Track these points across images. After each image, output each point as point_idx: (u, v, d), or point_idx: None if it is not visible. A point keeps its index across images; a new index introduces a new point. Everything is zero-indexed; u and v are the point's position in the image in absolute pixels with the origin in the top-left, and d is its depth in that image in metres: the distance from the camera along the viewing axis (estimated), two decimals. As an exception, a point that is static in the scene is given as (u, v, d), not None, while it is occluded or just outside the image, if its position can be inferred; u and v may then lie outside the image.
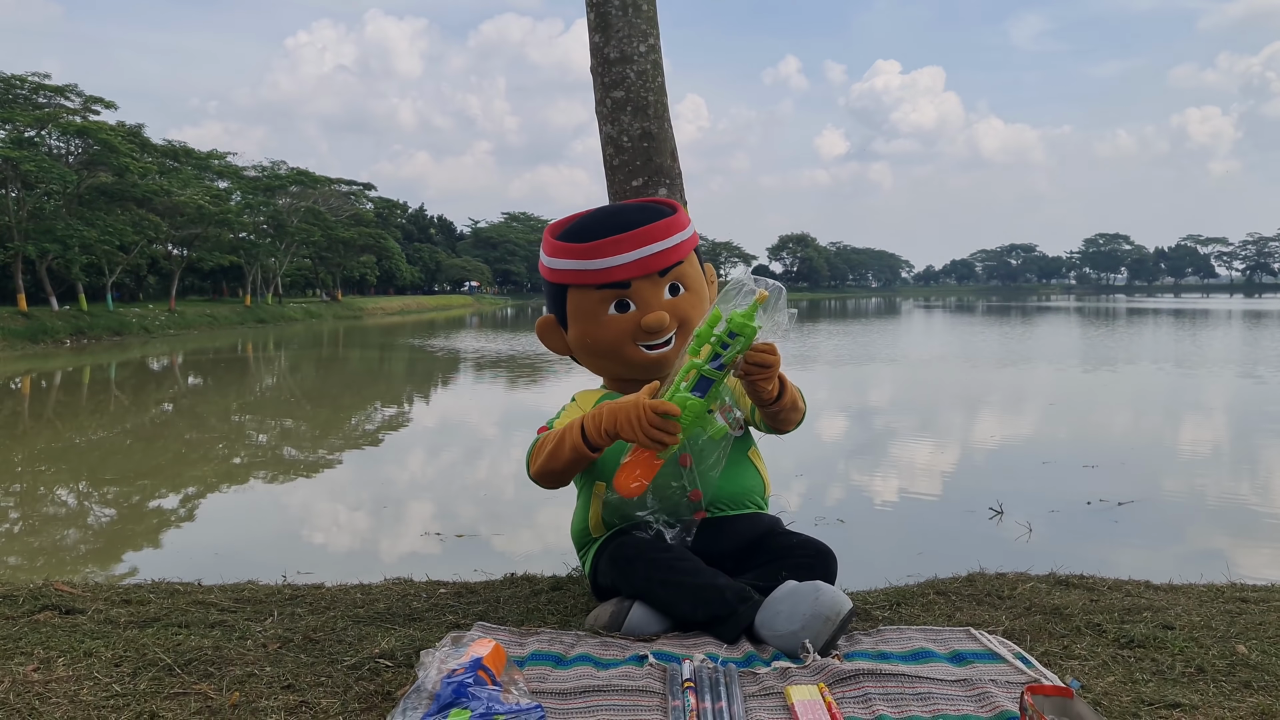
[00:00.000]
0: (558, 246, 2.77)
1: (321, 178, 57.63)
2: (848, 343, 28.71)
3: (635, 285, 2.70)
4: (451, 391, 18.11)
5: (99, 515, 8.18)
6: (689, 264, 2.81)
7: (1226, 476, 8.70)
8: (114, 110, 38.37)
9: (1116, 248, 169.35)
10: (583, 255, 2.70)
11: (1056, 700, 1.91)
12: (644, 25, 3.08)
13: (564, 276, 2.77)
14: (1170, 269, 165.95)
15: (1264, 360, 20.12)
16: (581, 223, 2.80)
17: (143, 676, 2.12)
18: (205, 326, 40.45)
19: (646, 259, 2.69)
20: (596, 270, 2.70)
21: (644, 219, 2.74)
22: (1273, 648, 2.38)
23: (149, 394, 18.08)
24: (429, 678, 1.99)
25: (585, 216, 2.84)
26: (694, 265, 2.85)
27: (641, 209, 2.83)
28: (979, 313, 60.12)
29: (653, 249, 2.70)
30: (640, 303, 2.72)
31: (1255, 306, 67.11)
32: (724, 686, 2.06)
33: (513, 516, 7.60)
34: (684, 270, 2.78)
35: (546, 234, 2.86)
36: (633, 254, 2.68)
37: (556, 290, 2.82)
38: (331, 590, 2.98)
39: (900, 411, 13.74)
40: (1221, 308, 64.07)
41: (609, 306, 2.73)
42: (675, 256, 2.75)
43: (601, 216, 2.81)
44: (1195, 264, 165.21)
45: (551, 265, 2.79)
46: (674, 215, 2.80)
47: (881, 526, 7.16)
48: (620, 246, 2.68)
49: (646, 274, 2.70)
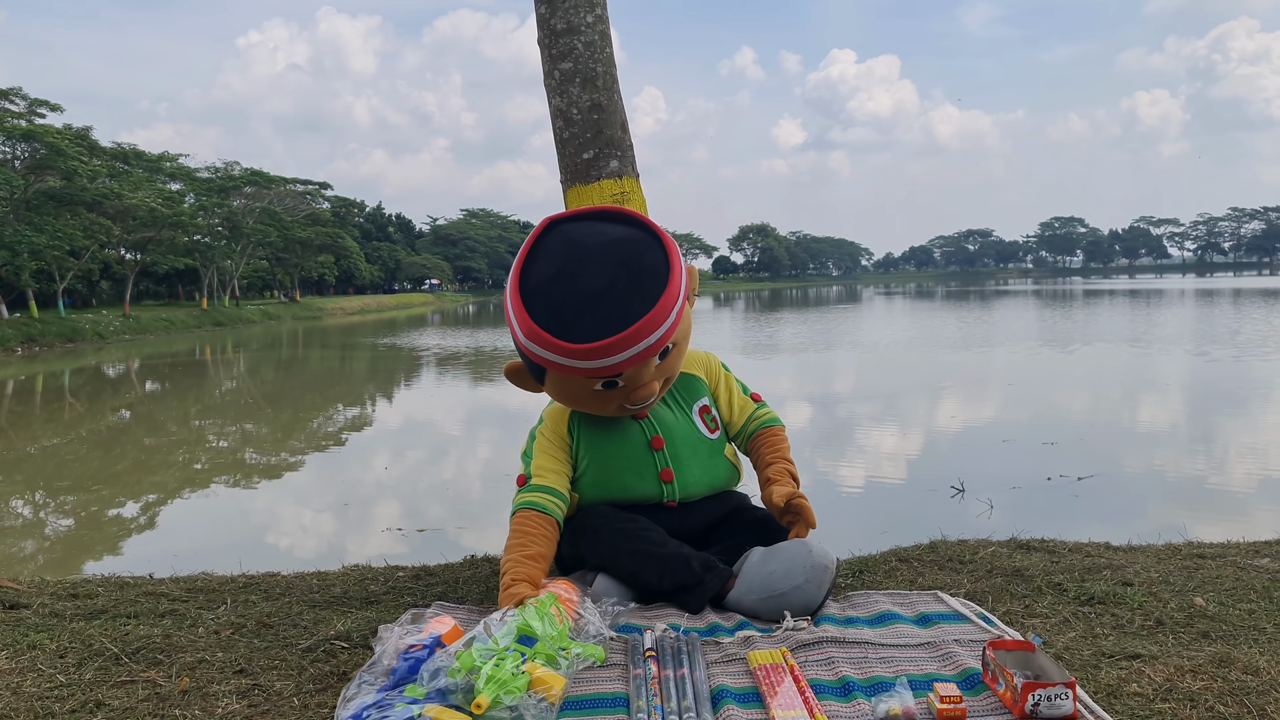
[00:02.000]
0: (540, 335, 2.35)
1: (276, 177, 56.84)
2: (809, 330, 28.82)
3: (630, 373, 2.43)
4: (414, 390, 17.96)
5: (54, 524, 8.00)
6: (682, 323, 2.51)
7: (1183, 451, 8.81)
8: (61, 113, 37.77)
9: (1072, 231, 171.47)
10: (573, 356, 2.34)
11: (1018, 654, 1.91)
12: (590, -5, 3.04)
13: (545, 363, 2.42)
14: (1124, 250, 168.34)
15: (1216, 338, 20.46)
16: (561, 298, 2.37)
17: (88, 666, 2.06)
18: (161, 331, 39.80)
19: (645, 351, 2.37)
20: (588, 369, 2.37)
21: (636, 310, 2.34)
22: (1229, 599, 2.40)
23: (105, 400, 17.76)
24: (386, 653, 1.96)
25: (560, 282, 2.38)
26: (686, 318, 2.56)
27: (629, 274, 2.37)
28: (938, 298, 60.62)
29: (646, 344, 2.36)
30: (631, 380, 2.45)
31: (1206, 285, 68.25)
32: (686, 654, 2.04)
33: (478, 514, 7.53)
34: (676, 331, 2.48)
35: (518, 303, 2.42)
36: (627, 352, 2.34)
37: (531, 361, 2.51)
38: (287, 578, 2.93)
39: (862, 396, 13.80)
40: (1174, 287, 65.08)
41: (597, 384, 2.45)
42: (668, 338, 2.42)
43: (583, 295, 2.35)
44: (1149, 245, 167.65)
45: (529, 347, 2.41)
46: (668, 285, 2.39)
47: (846, 508, 7.18)
48: (614, 348, 2.32)
49: (644, 363, 2.43)
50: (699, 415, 2.74)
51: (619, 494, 2.63)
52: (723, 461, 2.77)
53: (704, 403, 2.77)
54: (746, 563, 2.46)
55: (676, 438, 2.66)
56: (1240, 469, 7.87)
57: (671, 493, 2.63)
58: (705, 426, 2.74)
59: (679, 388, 2.76)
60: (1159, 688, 1.85)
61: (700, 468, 2.68)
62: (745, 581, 2.41)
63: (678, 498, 2.65)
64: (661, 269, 2.40)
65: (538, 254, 2.46)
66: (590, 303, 2.35)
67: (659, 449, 2.64)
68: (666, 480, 2.64)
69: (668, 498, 2.64)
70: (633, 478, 2.62)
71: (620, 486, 2.63)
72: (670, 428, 2.67)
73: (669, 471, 2.63)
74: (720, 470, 2.75)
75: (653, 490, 2.64)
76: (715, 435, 2.75)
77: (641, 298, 2.35)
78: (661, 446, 2.64)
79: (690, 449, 2.67)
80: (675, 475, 2.63)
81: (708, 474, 2.70)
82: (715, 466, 2.73)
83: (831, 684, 1.93)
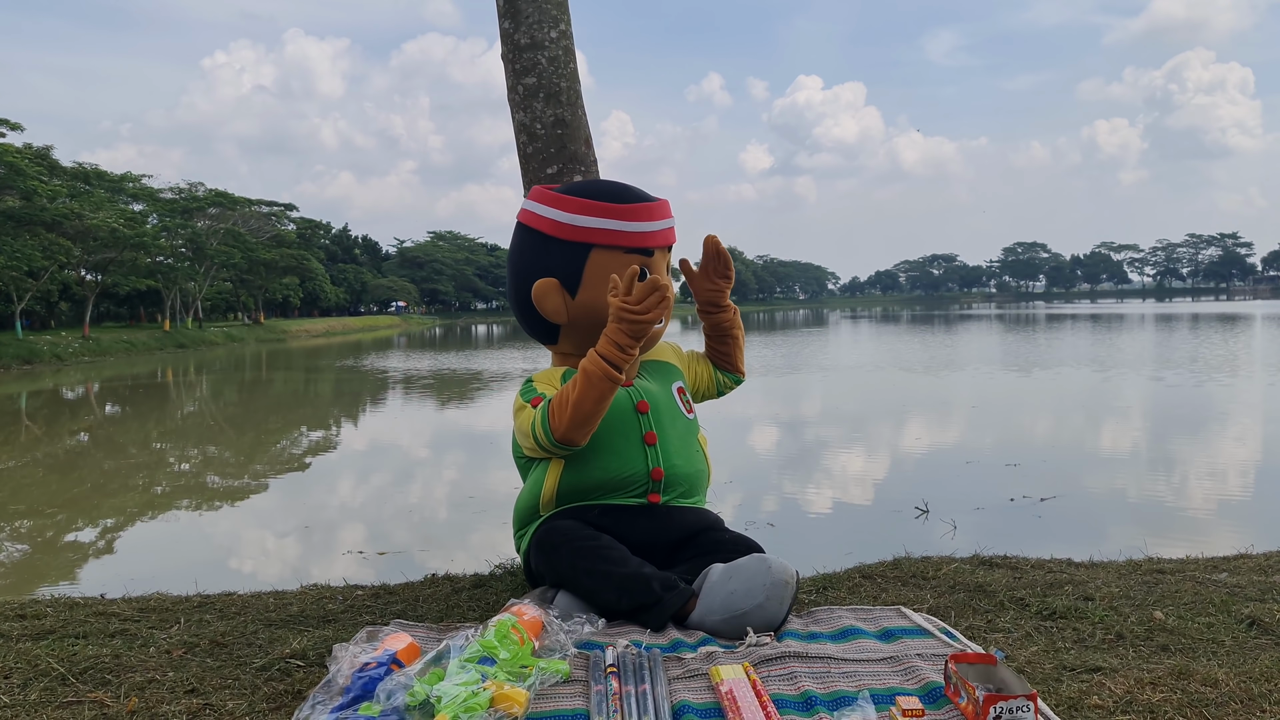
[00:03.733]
0: (589, 204, 2.71)
1: (241, 199, 56.36)
2: (776, 354, 28.94)
3: (656, 255, 2.76)
4: (378, 413, 17.80)
5: (5, 549, 7.83)
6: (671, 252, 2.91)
7: (1144, 473, 8.90)
8: (21, 132, 37.15)
9: (1034, 256, 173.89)
10: (621, 216, 2.70)
11: (980, 668, 1.90)
12: (554, 10, 3.04)
13: (594, 236, 2.71)
14: (1086, 275, 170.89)
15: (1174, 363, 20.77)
16: (595, 188, 2.80)
17: (33, 687, 2.00)
18: (122, 353, 39.21)
19: (666, 231, 2.79)
20: (633, 232, 2.71)
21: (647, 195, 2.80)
22: (1188, 613, 2.42)
23: (63, 424, 17.45)
24: (340, 671, 1.92)
25: (587, 184, 2.85)
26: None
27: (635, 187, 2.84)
28: (904, 322, 61.15)
29: (670, 223, 2.81)
30: (656, 273, 2.72)
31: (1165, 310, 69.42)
32: (648, 670, 2.02)
33: (442, 537, 7.44)
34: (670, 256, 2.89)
35: (559, 193, 2.79)
36: (660, 223, 2.77)
37: (573, 251, 2.73)
38: (243, 597, 2.87)
39: (827, 419, 13.86)
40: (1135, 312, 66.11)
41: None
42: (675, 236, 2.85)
43: (615, 185, 2.81)
44: (1109, 270, 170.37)
45: (577, 223, 2.71)
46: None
47: (810, 529, 7.18)
48: (651, 214, 2.74)
49: (665, 245, 2.79)
50: (676, 394, 2.86)
51: (610, 464, 2.63)
52: (699, 450, 2.82)
53: (679, 384, 2.90)
54: (707, 582, 2.44)
55: (660, 406, 2.75)
56: (1199, 491, 7.97)
57: (656, 458, 2.65)
58: (683, 406, 2.85)
59: (655, 371, 2.90)
60: (1119, 700, 1.86)
61: (680, 442, 2.74)
62: (706, 602, 2.39)
63: (664, 470, 2.65)
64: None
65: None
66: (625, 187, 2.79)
67: (644, 413, 2.70)
68: (650, 443, 2.66)
69: (653, 464, 2.64)
70: (620, 439, 2.65)
71: (609, 449, 2.63)
72: (655, 396, 2.77)
73: (653, 435, 2.67)
74: (698, 457, 2.79)
75: (637, 457, 2.64)
76: (691, 416, 2.86)
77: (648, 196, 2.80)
78: (647, 410, 2.71)
79: (671, 419, 2.76)
80: (659, 440, 2.68)
81: (687, 452, 2.74)
82: (693, 450, 2.78)
83: (794, 699, 1.92)
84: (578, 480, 2.64)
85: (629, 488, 2.64)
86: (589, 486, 2.64)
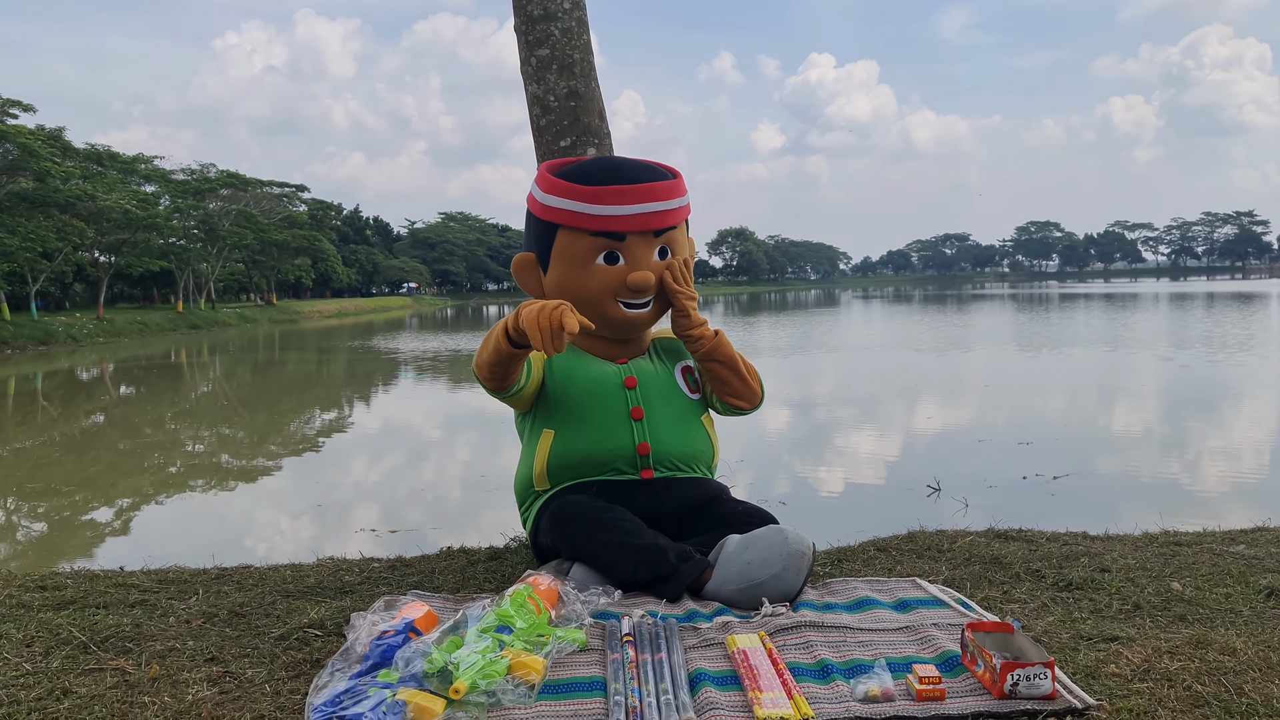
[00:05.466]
0: (556, 184, 2.70)
1: (253, 180, 56.41)
2: (787, 334, 28.88)
3: (630, 240, 2.67)
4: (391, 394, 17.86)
5: (24, 527, 7.89)
6: (680, 231, 2.79)
7: (1158, 452, 8.87)
8: (33, 114, 37.21)
9: (1048, 235, 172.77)
10: (584, 198, 2.65)
11: (997, 636, 1.90)
12: (567, -18, 3.02)
13: (558, 216, 2.70)
14: (1099, 254, 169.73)
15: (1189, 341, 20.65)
16: (584, 166, 2.76)
17: (55, 655, 2.02)
18: (136, 334, 39.37)
19: (646, 215, 2.67)
20: (595, 215, 2.65)
21: (648, 176, 2.72)
22: (1206, 584, 2.41)
23: (79, 404, 17.55)
24: (359, 639, 1.93)
25: (588, 161, 2.81)
26: (684, 233, 2.83)
27: (646, 167, 2.78)
28: (916, 301, 60.94)
29: (653, 207, 2.68)
30: (630, 259, 2.68)
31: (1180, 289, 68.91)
32: (664, 639, 2.02)
33: (454, 517, 7.46)
34: (676, 236, 2.77)
35: (543, 170, 2.80)
36: (635, 207, 2.65)
37: (544, 229, 2.75)
38: (261, 570, 2.89)
39: (840, 398, 13.83)
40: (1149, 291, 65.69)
41: (598, 256, 2.68)
42: (672, 220, 2.73)
43: (606, 165, 2.78)
44: (1123, 249, 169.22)
45: (545, 201, 2.72)
46: (675, 180, 2.78)
47: (822, 507, 7.18)
48: (624, 197, 2.64)
49: (642, 230, 2.67)
50: (681, 374, 2.83)
51: (593, 437, 2.63)
52: (700, 429, 2.77)
53: (688, 364, 2.87)
54: (723, 552, 2.44)
55: (650, 382, 2.74)
56: (1215, 470, 7.93)
57: (642, 433, 2.64)
58: (686, 385, 2.82)
59: (664, 348, 2.88)
60: (1136, 668, 1.85)
61: (674, 419, 2.71)
62: (722, 572, 2.39)
63: (650, 445, 2.64)
64: (672, 174, 2.79)
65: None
66: (613, 167, 2.73)
67: (632, 388, 2.70)
68: (637, 418, 2.65)
69: (639, 439, 2.64)
70: (605, 414, 2.65)
71: (593, 424, 2.64)
72: (646, 373, 2.76)
73: (639, 410, 2.66)
74: (697, 437, 2.75)
75: (623, 431, 2.64)
76: (695, 397, 2.82)
77: (651, 173, 2.73)
78: (635, 386, 2.70)
79: (663, 397, 2.73)
80: (645, 415, 2.66)
81: (682, 430, 2.71)
82: (691, 428, 2.74)
83: (810, 667, 1.92)
84: (565, 453, 2.66)
85: (617, 462, 2.64)
86: (576, 460, 2.65)
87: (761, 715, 1.67)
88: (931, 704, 1.73)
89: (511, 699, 1.75)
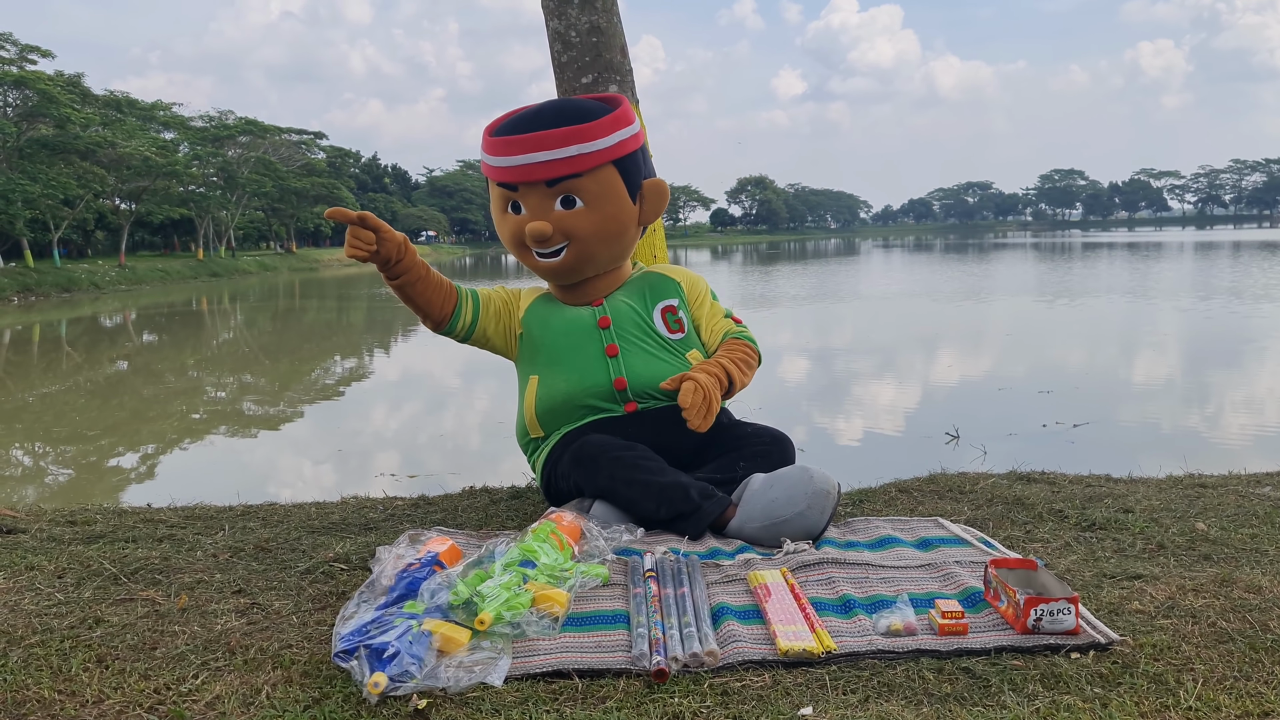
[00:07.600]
0: (484, 134, 2.77)
1: (271, 127, 56.21)
2: (807, 283, 28.73)
3: (523, 190, 2.68)
4: (411, 342, 17.92)
5: (52, 470, 8.00)
6: (591, 179, 2.63)
7: (1180, 401, 8.80)
8: (52, 59, 37.16)
9: (1072, 183, 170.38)
10: (486, 149, 2.72)
11: (1020, 573, 1.90)
12: (589, -87, 2.96)
13: (483, 166, 2.80)
14: (1124, 203, 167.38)
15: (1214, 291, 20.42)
16: (512, 117, 2.77)
17: (87, 586, 2.05)
18: (157, 281, 39.60)
19: (530, 166, 2.62)
20: (492, 166, 2.71)
21: (551, 123, 2.63)
22: (1231, 524, 2.40)
23: (103, 351, 17.71)
24: (384, 573, 1.95)
25: (522, 111, 2.79)
26: (602, 181, 2.65)
27: (560, 111, 2.69)
28: (937, 250, 60.42)
29: (537, 157, 2.60)
30: (529, 209, 2.69)
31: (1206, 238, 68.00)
32: (686, 575, 2.03)
33: (473, 464, 7.50)
34: (580, 185, 2.63)
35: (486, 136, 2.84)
36: (520, 158, 2.62)
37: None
38: (285, 507, 2.91)
39: (859, 347, 13.78)
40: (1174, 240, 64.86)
41: (506, 205, 2.74)
42: (564, 169, 2.61)
43: (526, 114, 2.74)
44: (1149, 198, 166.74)
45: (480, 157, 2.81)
46: (587, 124, 2.62)
47: (840, 453, 7.17)
48: (510, 148, 2.63)
49: (530, 181, 2.64)
50: (660, 313, 2.78)
51: (571, 376, 2.66)
52: (679, 363, 2.71)
53: (671, 303, 2.80)
54: (747, 490, 2.44)
55: (625, 321, 2.73)
56: (1238, 420, 7.87)
57: (617, 369, 2.65)
58: (666, 325, 2.76)
59: (647, 286, 2.84)
60: (1161, 605, 1.85)
61: (651, 356, 2.68)
62: (746, 509, 2.40)
63: (626, 379, 2.64)
64: (592, 114, 2.65)
65: None
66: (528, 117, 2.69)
67: (605, 327, 2.71)
68: (611, 355, 2.66)
69: (614, 374, 2.64)
70: (579, 354, 2.67)
71: (571, 364, 2.67)
72: (621, 312, 2.75)
73: (614, 347, 2.67)
74: (676, 368, 2.69)
75: (600, 369, 2.65)
76: (676, 336, 2.75)
77: (559, 118, 2.63)
78: (608, 325, 2.71)
79: (640, 334, 2.72)
80: (620, 352, 2.67)
81: (658, 363, 2.68)
82: (670, 365, 2.69)
83: (832, 602, 1.93)
84: (548, 395, 2.69)
85: (596, 398, 2.66)
86: (559, 400, 2.67)
87: (784, 647, 1.68)
88: (954, 638, 1.74)
89: (536, 630, 1.77)
